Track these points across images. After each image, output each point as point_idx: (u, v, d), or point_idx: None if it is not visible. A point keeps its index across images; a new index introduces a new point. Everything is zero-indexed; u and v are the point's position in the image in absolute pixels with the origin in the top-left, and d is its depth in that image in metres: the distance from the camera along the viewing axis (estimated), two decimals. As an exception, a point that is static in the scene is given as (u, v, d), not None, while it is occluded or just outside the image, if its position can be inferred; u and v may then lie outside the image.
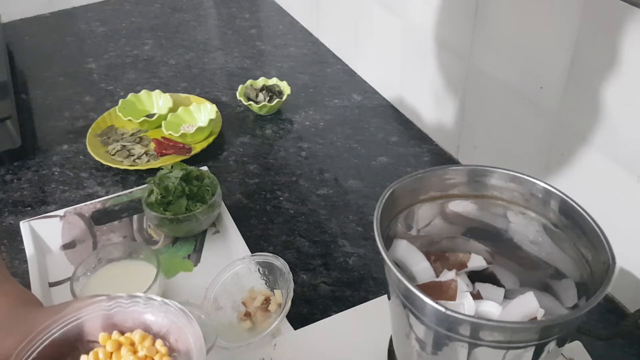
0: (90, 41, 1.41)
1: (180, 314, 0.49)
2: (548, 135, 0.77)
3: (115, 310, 0.50)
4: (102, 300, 0.51)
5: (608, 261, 0.48)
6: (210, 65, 1.30)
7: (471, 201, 0.60)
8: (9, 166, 1.02)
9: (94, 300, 0.51)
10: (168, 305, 0.50)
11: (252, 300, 0.72)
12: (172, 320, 0.50)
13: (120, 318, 0.50)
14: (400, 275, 0.47)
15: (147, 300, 0.50)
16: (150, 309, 0.50)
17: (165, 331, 0.50)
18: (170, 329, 0.50)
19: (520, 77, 0.79)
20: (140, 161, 1.00)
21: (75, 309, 0.50)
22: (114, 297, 0.51)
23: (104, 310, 0.50)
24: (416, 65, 1.02)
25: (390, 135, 1.05)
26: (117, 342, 0.49)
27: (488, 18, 0.81)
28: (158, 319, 0.50)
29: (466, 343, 0.48)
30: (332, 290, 0.78)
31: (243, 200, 0.93)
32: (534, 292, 0.56)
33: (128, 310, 0.50)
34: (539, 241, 0.58)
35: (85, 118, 1.13)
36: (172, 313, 0.50)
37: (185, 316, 0.49)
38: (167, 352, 0.49)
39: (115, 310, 0.50)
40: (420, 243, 0.60)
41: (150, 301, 0.50)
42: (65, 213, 0.86)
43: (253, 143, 1.06)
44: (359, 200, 0.92)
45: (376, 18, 1.09)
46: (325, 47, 1.33)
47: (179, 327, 0.49)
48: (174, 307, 0.50)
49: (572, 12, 0.67)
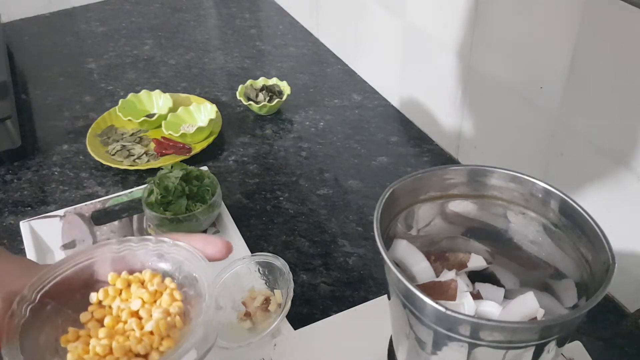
0: (90, 41, 1.41)
1: (189, 253, 0.50)
2: (548, 135, 0.77)
3: (125, 252, 0.51)
4: (112, 243, 0.51)
5: (608, 261, 0.48)
6: (210, 65, 1.30)
7: (471, 201, 0.60)
8: (9, 166, 1.02)
9: (103, 243, 0.51)
10: (178, 246, 0.50)
11: (252, 300, 0.72)
12: (181, 259, 0.50)
13: (130, 260, 0.51)
14: (400, 275, 0.47)
15: (157, 241, 0.51)
16: (160, 250, 0.51)
17: (175, 269, 0.50)
18: (179, 267, 0.50)
19: (520, 77, 0.79)
20: (140, 161, 1.00)
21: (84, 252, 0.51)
22: (124, 240, 0.51)
23: (114, 253, 0.51)
24: (416, 65, 1.02)
25: (390, 135, 1.05)
26: (126, 280, 0.49)
27: (488, 18, 0.81)
28: (167, 259, 0.51)
29: (466, 343, 0.48)
30: (332, 290, 0.78)
31: (243, 200, 0.93)
32: (534, 292, 0.56)
33: (137, 252, 0.51)
34: (539, 241, 0.58)
35: (85, 118, 1.13)
36: (181, 253, 0.50)
37: (194, 255, 0.49)
38: (177, 287, 0.49)
39: (125, 252, 0.51)
40: (420, 243, 0.60)
41: (160, 242, 0.51)
42: (65, 213, 0.86)
43: (253, 143, 1.06)
44: (359, 200, 0.92)
45: (376, 18, 1.09)
46: (325, 47, 1.33)
47: (188, 265, 0.50)
48: (184, 247, 0.50)
49: (572, 12, 0.67)
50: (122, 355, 0.44)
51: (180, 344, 0.45)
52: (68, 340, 0.45)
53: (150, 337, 0.46)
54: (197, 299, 0.48)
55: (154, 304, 0.48)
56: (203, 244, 0.50)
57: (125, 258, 0.51)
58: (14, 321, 0.43)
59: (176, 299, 0.48)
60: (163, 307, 0.48)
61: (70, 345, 0.45)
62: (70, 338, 0.45)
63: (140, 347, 0.45)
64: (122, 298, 0.49)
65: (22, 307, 0.44)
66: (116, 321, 0.47)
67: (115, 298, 0.49)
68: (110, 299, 0.48)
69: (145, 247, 0.51)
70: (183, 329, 0.47)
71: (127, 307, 0.48)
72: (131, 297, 0.49)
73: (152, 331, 0.46)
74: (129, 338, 0.45)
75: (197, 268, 0.49)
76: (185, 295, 0.49)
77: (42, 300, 0.46)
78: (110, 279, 0.49)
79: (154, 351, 0.45)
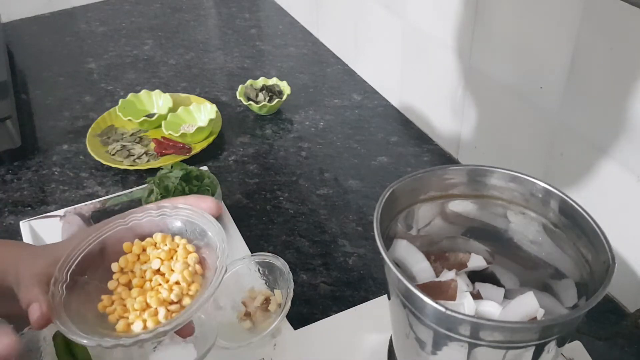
0: (90, 41, 1.41)
1: (190, 211, 0.55)
2: (548, 135, 0.77)
3: (132, 223, 0.55)
4: (117, 218, 0.55)
5: (608, 261, 0.48)
6: (210, 65, 1.30)
7: (471, 201, 0.60)
8: (9, 166, 1.02)
9: (108, 220, 0.56)
10: (177, 207, 0.55)
11: (252, 300, 0.72)
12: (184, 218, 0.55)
13: (137, 229, 0.55)
14: (400, 275, 0.47)
15: (158, 208, 0.55)
16: (163, 214, 0.55)
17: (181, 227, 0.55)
18: (184, 225, 0.55)
19: (520, 77, 0.79)
20: (140, 161, 1.00)
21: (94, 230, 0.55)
22: (127, 213, 0.56)
23: (121, 226, 0.55)
24: (416, 65, 1.02)
25: (390, 135, 1.05)
26: (140, 246, 0.54)
27: (488, 18, 0.81)
28: (172, 221, 0.55)
29: (466, 343, 0.48)
30: (332, 290, 0.78)
31: (243, 200, 0.93)
32: (534, 292, 0.56)
33: (142, 221, 0.55)
34: (539, 241, 0.58)
35: (85, 118, 1.13)
36: (182, 213, 0.55)
37: (194, 211, 0.54)
38: (188, 242, 0.54)
39: (132, 223, 0.55)
40: (420, 243, 0.60)
41: (161, 208, 0.55)
42: (65, 213, 0.86)
43: (253, 143, 1.06)
44: (359, 200, 0.92)
45: (376, 18, 1.09)
46: (325, 47, 1.33)
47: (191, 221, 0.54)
48: (183, 207, 0.55)
49: (572, 12, 0.67)
50: (159, 304, 0.50)
51: (206, 286, 0.51)
52: (105, 305, 0.51)
53: (179, 286, 0.51)
54: (209, 247, 0.53)
55: (171, 260, 0.54)
56: (196, 202, 0.55)
57: (133, 228, 0.55)
58: (56, 299, 0.49)
59: (190, 251, 0.54)
60: (181, 260, 0.53)
61: (108, 309, 0.51)
62: (106, 304, 0.51)
63: (174, 295, 0.50)
64: (140, 261, 0.54)
65: (58, 287, 0.50)
66: (143, 281, 0.53)
67: (134, 263, 0.54)
68: (130, 264, 0.54)
69: (149, 214, 0.55)
70: (204, 273, 0.53)
71: (148, 267, 0.53)
72: (149, 259, 0.54)
73: (177, 281, 0.52)
74: (159, 292, 0.51)
75: (201, 221, 0.54)
76: (197, 246, 0.54)
77: (73, 278, 0.51)
78: (125, 248, 0.54)
79: (185, 296, 0.51)
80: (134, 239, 0.55)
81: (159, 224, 0.56)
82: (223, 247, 0.52)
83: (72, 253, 0.52)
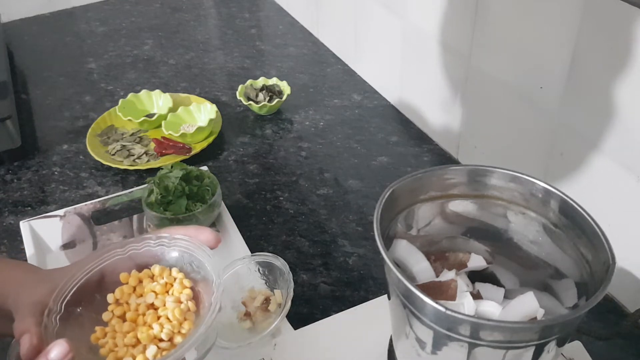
0: (90, 41, 1.41)
1: (189, 242, 0.55)
2: (548, 135, 0.77)
3: (130, 253, 0.55)
4: (115, 247, 0.56)
5: (608, 261, 0.48)
6: (210, 65, 1.30)
7: (471, 201, 0.60)
8: (9, 166, 1.02)
9: (106, 248, 0.56)
10: (176, 238, 0.55)
11: (252, 300, 0.72)
12: (182, 250, 0.55)
13: (136, 258, 0.55)
14: (400, 275, 0.47)
15: (157, 238, 0.56)
16: (161, 245, 0.56)
17: (179, 260, 0.55)
18: (182, 257, 0.55)
19: (520, 77, 0.79)
20: (140, 161, 1.00)
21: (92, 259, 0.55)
22: (125, 242, 0.56)
23: (119, 255, 0.55)
24: (416, 65, 1.02)
25: (390, 135, 1.05)
26: (137, 278, 0.54)
27: (488, 18, 0.81)
28: (170, 252, 0.56)
29: (466, 343, 0.48)
30: (332, 290, 0.78)
31: (243, 200, 0.93)
32: (534, 292, 0.56)
33: (141, 251, 0.55)
34: (539, 241, 0.58)
35: (85, 118, 1.13)
36: (181, 244, 0.55)
37: (193, 243, 0.55)
38: (185, 276, 0.54)
39: (130, 253, 0.55)
40: (420, 243, 0.60)
41: (160, 238, 0.56)
42: (65, 213, 0.86)
43: (253, 143, 1.06)
44: (359, 200, 0.92)
45: (376, 18, 1.09)
46: (325, 47, 1.33)
47: (190, 254, 0.55)
48: (182, 238, 0.55)
49: (572, 12, 0.67)
50: (149, 342, 0.50)
51: (198, 324, 0.51)
52: (97, 337, 0.51)
53: (170, 323, 0.51)
54: (205, 281, 0.53)
55: (167, 294, 0.54)
56: (195, 234, 0.55)
57: (131, 257, 0.55)
58: (49, 331, 0.49)
59: (185, 286, 0.54)
60: (175, 296, 0.53)
61: (101, 342, 0.51)
62: (99, 335, 0.51)
63: (164, 334, 0.50)
64: (136, 294, 0.54)
65: (52, 318, 0.50)
66: (136, 315, 0.52)
67: (130, 295, 0.54)
68: (126, 296, 0.54)
69: (147, 245, 0.55)
70: (199, 310, 0.53)
71: (142, 301, 0.53)
72: (144, 291, 0.54)
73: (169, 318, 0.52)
74: (151, 327, 0.51)
75: (199, 254, 0.54)
76: (194, 280, 0.54)
77: (67, 309, 0.51)
78: (122, 279, 0.54)
79: (176, 335, 0.51)
80: (132, 269, 0.55)
81: (157, 254, 0.56)
82: (218, 282, 0.51)
83: (68, 283, 0.53)
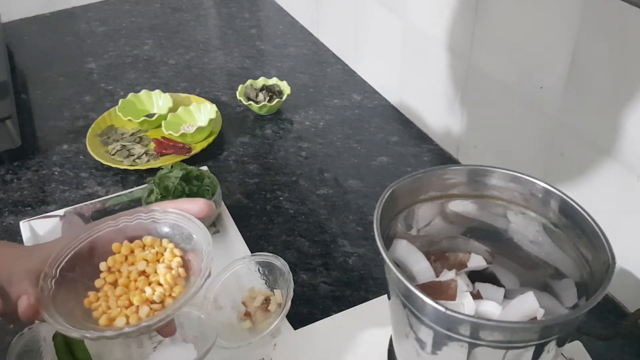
0: (90, 41, 1.41)
1: (179, 215, 0.57)
2: (548, 135, 0.77)
3: (122, 225, 0.58)
4: (107, 220, 0.58)
5: (608, 261, 0.48)
6: (210, 65, 1.30)
7: (471, 201, 0.60)
8: (9, 166, 1.02)
9: (99, 221, 0.58)
10: (167, 212, 0.57)
11: (252, 300, 0.72)
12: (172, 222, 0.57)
13: (127, 231, 0.58)
14: (400, 275, 0.47)
15: (149, 211, 0.57)
16: (152, 218, 0.58)
17: (169, 231, 0.58)
18: (173, 229, 0.57)
19: (520, 77, 0.79)
20: (140, 161, 1.00)
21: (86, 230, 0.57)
22: (117, 215, 0.58)
23: (112, 227, 0.57)
24: (416, 65, 1.02)
25: (390, 135, 1.05)
26: (129, 247, 0.57)
27: (488, 18, 0.81)
28: (161, 224, 0.58)
29: (466, 343, 0.48)
30: (332, 290, 0.78)
31: (243, 200, 0.93)
32: (534, 292, 0.56)
33: (132, 223, 0.58)
34: (539, 241, 0.58)
35: (85, 118, 1.13)
36: (171, 217, 0.57)
37: (183, 215, 0.57)
38: (175, 246, 0.57)
39: (122, 225, 0.58)
40: (420, 243, 0.60)
41: (152, 212, 0.58)
42: (65, 213, 0.86)
43: (253, 143, 1.06)
44: (359, 200, 0.92)
45: (376, 18, 1.09)
46: (325, 47, 1.33)
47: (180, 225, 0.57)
48: (172, 211, 0.57)
49: (572, 12, 0.67)
50: (142, 303, 0.53)
51: (187, 288, 0.53)
52: (90, 302, 0.54)
53: (162, 287, 0.54)
54: (195, 251, 0.56)
55: (157, 262, 0.56)
56: (187, 207, 0.57)
57: (123, 230, 0.58)
58: (44, 293, 0.51)
59: (176, 254, 0.56)
60: (166, 264, 0.55)
61: (94, 305, 0.53)
62: (92, 300, 0.54)
63: (156, 296, 0.53)
64: (128, 262, 0.56)
65: (47, 282, 0.52)
66: (128, 281, 0.55)
67: (122, 263, 0.56)
68: (118, 264, 0.56)
69: (139, 217, 0.58)
70: (189, 277, 0.55)
71: (134, 268, 0.55)
72: (136, 260, 0.56)
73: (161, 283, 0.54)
74: (144, 291, 0.53)
75: (189, 225, 0.56)
76: (184, 250, 0.57)
77: (62, 274, 0.54)
78: (114, 249, 0.57)
79: (167, 297, 0.53)
80: (123, 241, 0.57)
81: (148, 227, 0.58)
82: (208, 250, 0.53)
83: (62, 251, 0.55)
